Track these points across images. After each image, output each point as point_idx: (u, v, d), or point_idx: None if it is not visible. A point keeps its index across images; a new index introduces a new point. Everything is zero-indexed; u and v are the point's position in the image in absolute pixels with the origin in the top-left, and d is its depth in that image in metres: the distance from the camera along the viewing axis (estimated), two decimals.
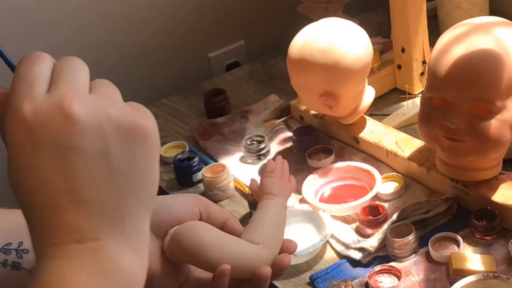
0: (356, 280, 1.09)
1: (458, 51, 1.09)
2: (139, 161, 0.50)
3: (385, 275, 1.08)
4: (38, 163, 0.48)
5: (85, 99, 0.49)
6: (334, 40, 1.25)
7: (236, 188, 1.35)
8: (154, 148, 0.52)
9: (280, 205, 0.88)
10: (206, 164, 1.39)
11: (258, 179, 1.35)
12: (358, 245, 1.14)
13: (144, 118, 0.52)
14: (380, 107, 1.50)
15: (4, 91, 0.52)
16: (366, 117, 1.39)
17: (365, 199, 1.21)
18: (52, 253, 0.48)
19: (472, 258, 1.06)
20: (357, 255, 1.13)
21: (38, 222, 0.49)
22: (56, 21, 1.71)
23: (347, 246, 1.16)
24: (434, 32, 1.52)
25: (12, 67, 0.53)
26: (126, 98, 0.55)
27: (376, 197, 1.24)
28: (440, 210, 1.16)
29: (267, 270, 0.72)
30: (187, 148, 1.46)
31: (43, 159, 0.48)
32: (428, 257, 1.11)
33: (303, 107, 1.45)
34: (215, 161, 1.42)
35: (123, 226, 0.50)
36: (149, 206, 0.52)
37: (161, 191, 1.42)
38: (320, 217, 1.20)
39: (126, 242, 0.49)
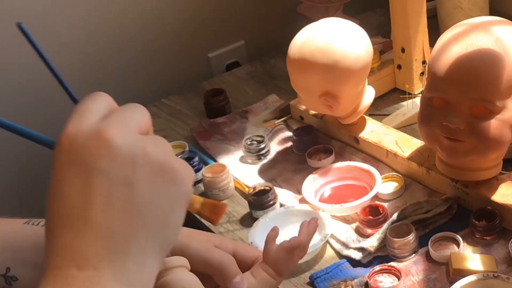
0: (356, 280, 1.09)
1: (458, 51, 1.09)
2: (161, 201, 0.50)
3: (385, 275, 1.08)
4: (65, 179, 0.49)
5: (127, 130, 0.50)
6: (334, 40, 1.25)
7: (236, 188, 1.35)
8: (180, 193, 0.51)
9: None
10: (206, 164, 1.39)
11: (258, 179, 1.36)
12: (358, 245, 1.14)
13: (179, 164, 0.52)
14: (380, 107, 1.50)
15: None
16: (366, 117, 1.39)
17: (365, 199, 1.21)
18: (52, 277, 0.48)
19: (472, 258, 1.06)
20: (357, 255, 1.13)
21: (50, 241, 0.49)
22: (56, 22, 1.71)
23: (347, 246, 1.16)
24: (434, 32, 1.52)
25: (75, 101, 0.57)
26: (126, 98, 0.55)
27: (376, 197, 1.24)
28: (440, 210, 1.16)
29: None
30: (187, 148, 1.46)
31: (69, 176, 0.49)
32: (428, 257, 1.11)
33: (303, 107, 1.45)
34: (215, 161, 1.42)
35: (127, 260, 0.49)
36: (162, 248, 0.51)
37: None
38: (320, 217, 1.20)
39: (124, 279, 0.48)
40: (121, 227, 0.49)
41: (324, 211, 1.21)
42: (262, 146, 1.41)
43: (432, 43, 1.34)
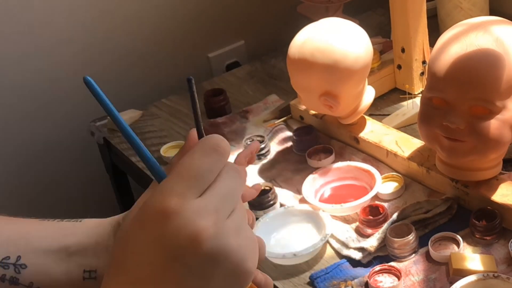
0: (356, 280, 1.09)
1: (458, 51, 1.09)
2: None
3: (385, 275, 1.08)
4: (143, 251, 0.51)
5: (219, 229, 0.52)
6: (334, 40, 1.25)
7: None
8: (241, 283, 0.55)
9: None
10: None
11: (258, 179, 1.36)
12: (358, 245, 1.14)
13: (252, 262, 0.55)
14: (380, 107, 1.50)
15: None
16: (366, 117, 1.39)
17: (365, 199, 1.21)
18: None
19: (472, 258, 1.06)
20: (357, 255, 1.13)
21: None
22: (56, 22, 1.71)
23: (347, 246, 1.16)
24: (434, 32, 1.52)
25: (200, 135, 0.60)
26: (126, 98, 0.55)
27: (376, 197, 1.24)
28: (440, 210, 1.16)
29: None
30: None
31: (149, 251, 0.51)
32: (428, 257, 1.11)
33: (303, 107, 1.45)
34: None
35: None
36: None
37: None
38: (320, 217, 1.20)
39: None
40: None
41: (324, 211, 1.21)
42: (262, 146, 1.41)
43: (432, 43, 1.34)
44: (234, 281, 0.53)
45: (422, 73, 1.49)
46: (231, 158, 1.46)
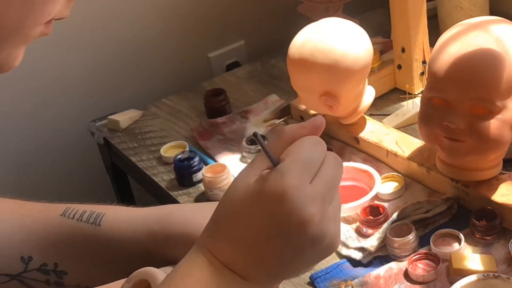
0: (356, 280, 1.09)
1: (458, 51, 1.09)
2: (311, 262, 0.64)
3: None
4: (256, 217, 0.60)
5: (323, 216, 0.60)
6: (334, 40, 1.25)
7: None
8: (328, 255, 0.64)
9: None
10: (206, 164, 1.39)
11: None
12: (358, 245, 1.14)
13: (339, 240, 0.64)
14: (380, 107, 1.50)
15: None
16: (366, 117, 1.39)
17: (366, 199, 1.20)
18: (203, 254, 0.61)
19: (472, 258, 1.06)
20: (357, 255, 1.13)
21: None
22: (56, 23, 1.70)
23: (347, 246, 1.16)
24: (434, 32, 1.52)
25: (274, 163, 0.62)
26: (126, 98, 0.55)
27: (376, 197, 1.24)
28: (440, 210, 1.16)
29: None
30: (187, 148, 1.46)
31: (262, 219, 0.60)
32: None
33: (303, 107, 1.45)
34: (215, 161, 1.42)
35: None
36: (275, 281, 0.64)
37: (161, 191, 1.42)
38: None
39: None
40: (273, 268, 0.62)
41: None
42: None
43: (432, 43, 1.34)
44: (323, 256, 0.63)
45: (422, 73, 1.49)
46: (232, 159, 1.46)
